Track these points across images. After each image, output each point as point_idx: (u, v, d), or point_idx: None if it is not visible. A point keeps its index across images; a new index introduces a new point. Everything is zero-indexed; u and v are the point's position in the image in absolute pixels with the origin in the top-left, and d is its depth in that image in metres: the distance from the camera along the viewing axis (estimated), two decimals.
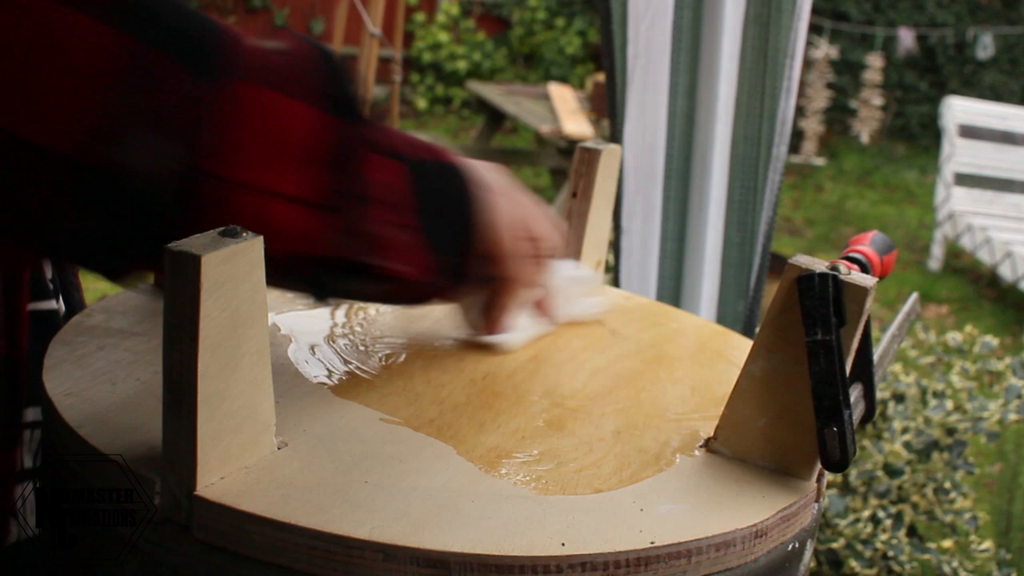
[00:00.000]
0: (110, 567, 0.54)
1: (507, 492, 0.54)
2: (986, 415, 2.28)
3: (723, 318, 1.86)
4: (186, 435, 0.49)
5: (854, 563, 2.08)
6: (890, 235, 0.88)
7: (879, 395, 2.41)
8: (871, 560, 2.10)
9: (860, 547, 2.10)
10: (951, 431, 2.28)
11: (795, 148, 7.16)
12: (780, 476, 0.59)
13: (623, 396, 0.67)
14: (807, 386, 0.57)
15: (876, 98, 7.73)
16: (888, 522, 2.14)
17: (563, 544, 0.49)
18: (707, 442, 0.62)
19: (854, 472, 2.23)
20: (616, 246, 1.79)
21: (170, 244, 0.48)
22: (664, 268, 1.86)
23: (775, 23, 1.74)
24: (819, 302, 0.56)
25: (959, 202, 5.50)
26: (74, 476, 0.55)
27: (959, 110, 5.65)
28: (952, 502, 2.21)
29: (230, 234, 0.49)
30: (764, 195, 1.81)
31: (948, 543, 2.22)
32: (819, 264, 0.57)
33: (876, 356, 0.65)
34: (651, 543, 0.50)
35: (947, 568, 2.12)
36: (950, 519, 2.22)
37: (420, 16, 8.19)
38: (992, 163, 5.61)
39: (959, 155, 5.55)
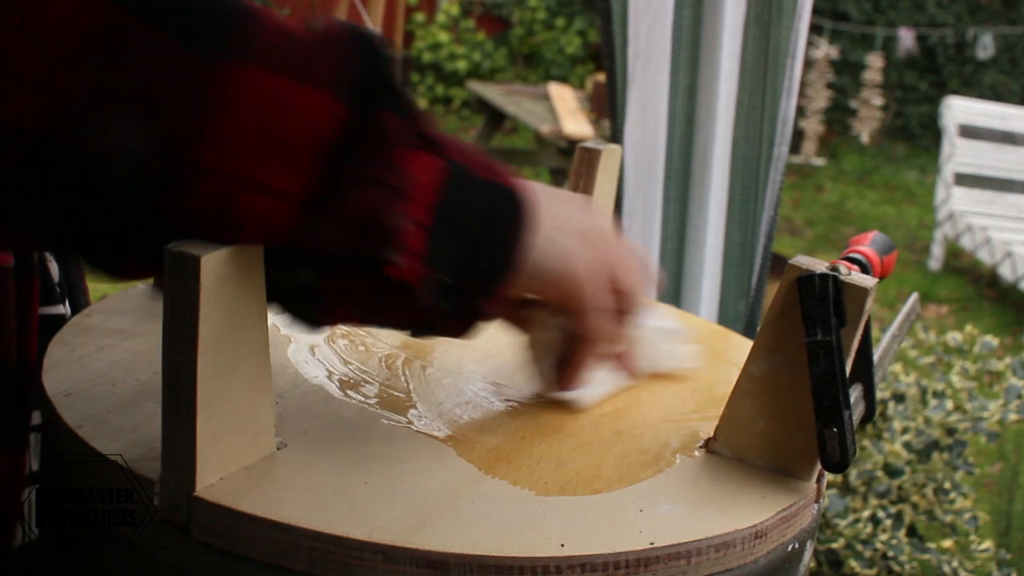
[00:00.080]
0: (109, 568, 0.54)
1: (506, 493, 0.54)
2: (986, 415, 2.28)
3: (724, 318, 1.86)
4: (185, 436, 0.49)
5: (854, 563, 2.09)
6: (890, 235, 0.88)
7: (879, 395, 2.41)
8: (871, 560, 2.10)
9: (860, 547, 2.10)
10: (951, 431, 2.28)
11: (795, 148, 7.16)
12: (780, 477, 0.59)
13: (622, 396, 0.67)
14: (807, 387, 0.57)
15: (876, 98, 7.72)
16: (888, 522, 2.14)
17: (563, 545, 0.49)
18: (707, 443, 0.62)
19: (854, 472, 2.23)
20: None
21: (170, 245, 0.48)
22: (664, 268, 1.86)
23: (776, 23, 1.74)
24: (819, 303, 0.56)
25: (959, 202, 5.50)
26: (73, 476, 0.55)
27: (959, 110, 5.65)
28: (952, 502, 2.21)
29: None
30: (765, 195, 1.81)
31: (948, 543, 2.22)
32: (819, 265, 0.57)
33: (876, 356, 0.65)
34: (651, 544, 0.50)
35: (947, 568, 2.12)
36: (950, 519, 2.22)
37: (420, 16, 8.19)
38: (992, 163, 5.61)
39: (959, 155, 5.55)
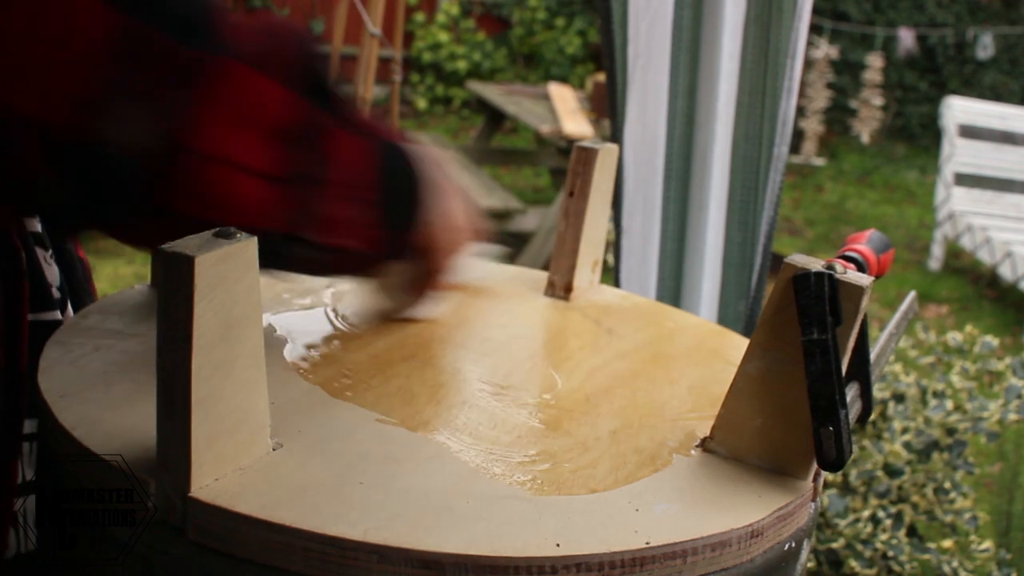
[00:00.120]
0: (105, 569, 0.54)
1: (502, 492, 0.54)
2: (986, 415, 2.27)
3: (724, 318, 1.86)
4: (180, 436, 0.49)
5: (854, 563, 2.08)
6: (890, 235, 0.88)
7: (879, 395, 2.41)
8: (871, 560, 2.10)
9: (860, 547, 2.10)
10: (951, 431, 2.27)
11: (795, 148, 7.16)
12: (776, 476, 0.59)
13: (619, 396, 0.67)
14: (803, 385, 0.56)
15: (876, 98, 7.72)
16: (888, 522, 2.14)
17: (558, 545, 0.49)
18: (703, 442, 0.62)
19: (854, 472, 2.23)
20: (616, 246, 1.79)
21: (163, 245, 0.48)
22: (664, 268, 1.86)
23: (776, 23, 1.73)
24: (815, 301, 0.56)
25: (959, 202, 5.50)
26: (69, 477, 0.55)
27: (959, 110, 5.65)
28: (952, 502, 2.21)
29: (224, 235, 0.49)
30: (765, 195, 1.81)
31: (948, 543, 2.22)
32: (815, 263, 0.57)
33: (873, 355, 0.65)
34: (647, 543, 0.50)
35: (947, 568, 2.12)
36: (950, 519, 2.22)
37: (420, 16, 8.18)
38: (992, 163, 5.60)
39: (959, 155, 5.55)
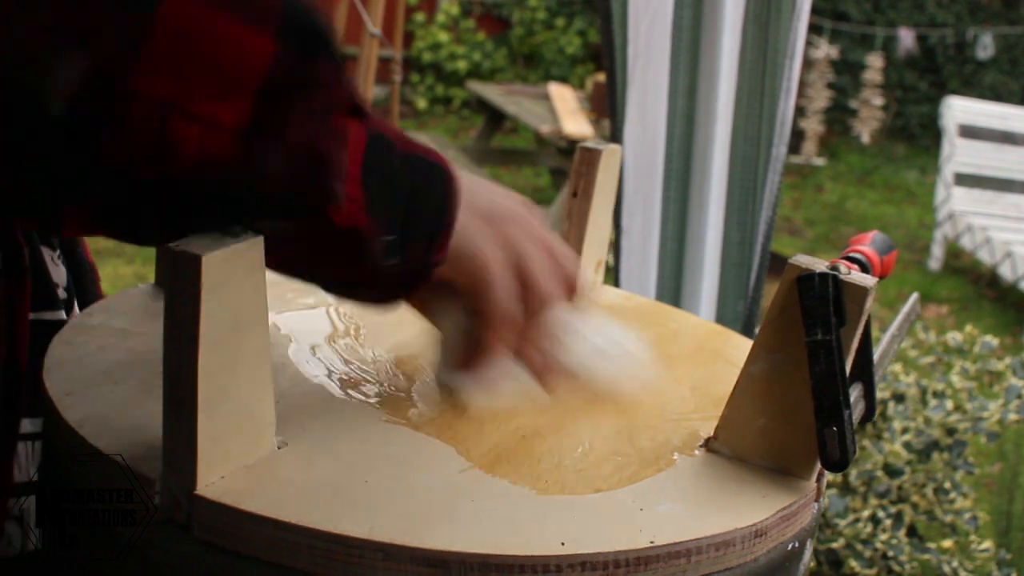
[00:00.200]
0: (110, 567, 0.54)
1: (507, 491, 0.54)
2: (986, 415, 2.28)
3: (723, 318, 1.86)
4: (186, 435, 0.49)
5: (854, 563, 2.09)
6: (890, 235, 0.88)
7: (879, 395, 2.41)
8: (871, 560, 2.10)
9: (860, 547, 2.10)
10: (951, 431, 2.28)
11: (795, 148, 7.16)
12: (780, 476, 0.59)
13: (623, 396, 0.67)
14: (807, 386, 0.57)
15: (876, 98, 7.72)
16: (888, 522, 2.14)
17: (563, 543, 0.49)
18: (707, 442, 0.62)
19: (854, 472, 2.23)
20: (616, 246, 1.79)
21: (170, 244, 0.48)
22: (664, 268, 1.86)
23: (775, 23, 1.74)
24: (819, 302, 0.56)
25: (959, 202, 5.50)
26: (74, 476, 0.55)
27: (959, 110, 5.65)
28: (952, 502, 2.21)
29: (231, 234, 0.49)
30: (764, 195, 1.81)
31: (948, 543, 2.22)
32: (819, 264, 0.57)
33: (876, 356, 0.65)
34: (651, 542, 0.50)
35: (947, 568, 2.12)
36: (950, 519, 2.22)
37: (420, 16, 8.18)
38: (992, 163, 5.61)
39: (959, 155, 5.55)
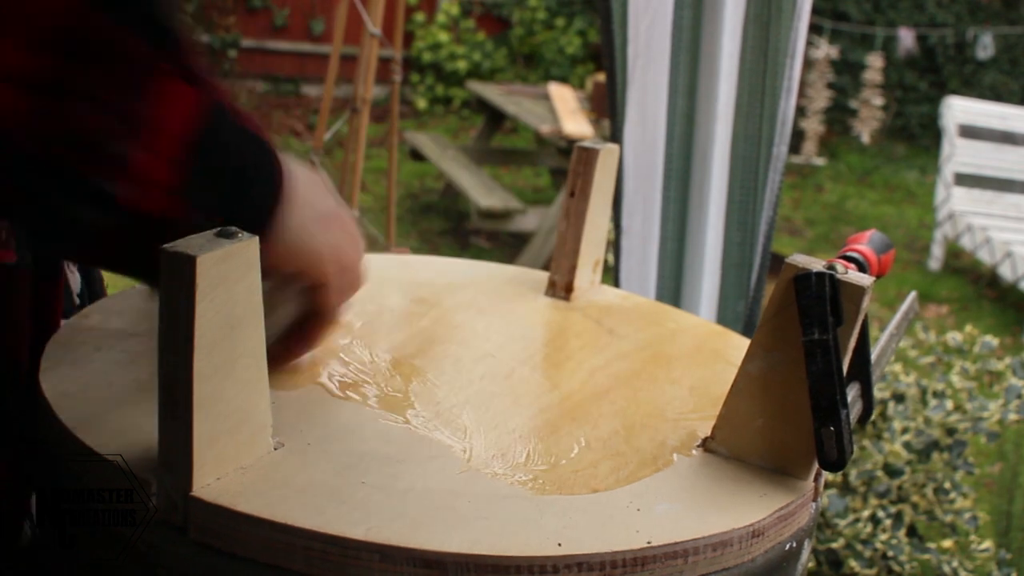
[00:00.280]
0: (107, 568, 0.54)
1: (504, 492, 0.54)
2: (986, 415, 2.27)
3: (723, 318, 1.86)
4: (182, 436, 0.49)
5: (854, 563, 2.08)
6: (890, 235, 0.88)
7: (879, 395, 2.41)
8: (871, 560, 2.09)
9: (860, 547, 2.10)
10: (951, 431, 2.27)
11: (795, 148, 7.15)
12: (777, 476, 0.59)
13: (621, 396, 0.67)
14: (804, 386, 0.57)
15: (876, 98, 7.72)
16: (888, 522, 2.14)
17: (559, 544, 0.49)
18: (704, 442, 0.62)
19: (854, 472, 2.23)
20: (616, 246, 1.79)
21: (165, 245, 0.48)
22: (664, 268, 1.86)
23: (775, 23, 1.73)
24: (816, 301, 0.56)
25: (959, 202, 5.50)
26: (71, 477, 0.55)
27: (959, 110, 5.65)
28: (952, 502, 2.21)
29: (225, 235, 0.49)
30: (764, 195, 1.81)
31: (948, 543, 2.22)
32: (816, 263, 0.57)
33: (874, 355, 0.65)
34: (648, 543, 0.50)
35: (947, 568, 2.12)
36: (950, 519, 2.22)
37: (420, 16, 8.18)
38: (992, 163, 5.60)
39: (959, 155, 5.55)
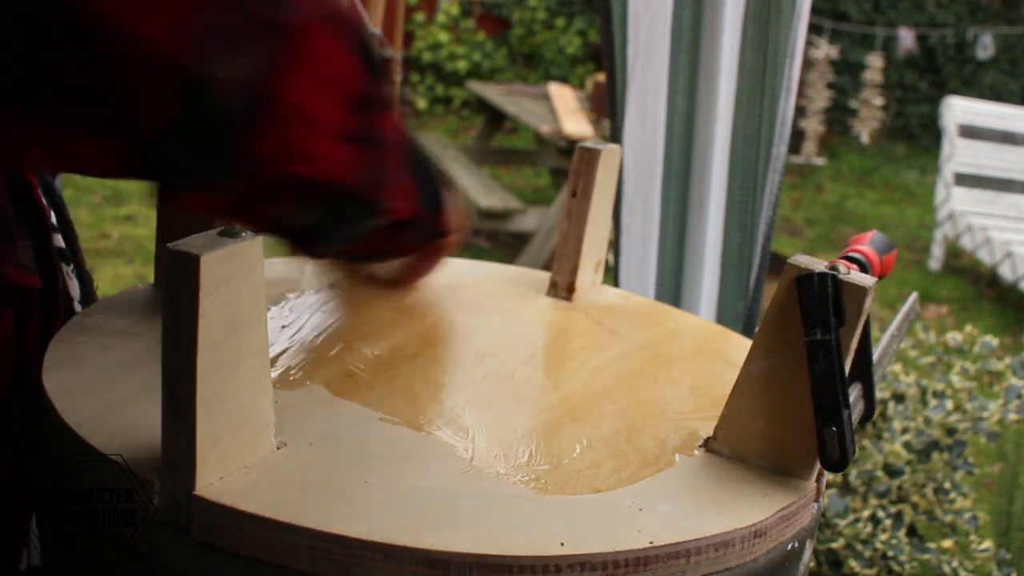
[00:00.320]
0: (109, 568, 0.54)
1: (506, 492, 0.54)
2: (986, 415, 2.27)
3: (723, 318, 1.86)
4: (185, 435, 0.49)
5: (854, 563, 2.08)
6: (890, 235, 0.88)
7: (879, 395, 2.41)
8: (871, 560, 2.10)
9: (860, 547, 2.10)
10: (951, 431, 2.27)
11: (795, 148, 7.15)
12: (779, 476, 0.59)
13: (622, 396, 0.67)
14: (806, 386, 0.57)
15: (876, 98, 7.72)
16: (888, 522, 2.14)
17: (562, 544, 0.49)
18: (706, 442, 0.62)
19: (854, 472, 2.23)
20: (616, 246, 1.79)
21: (169, 244, 0.48)
22: (664, 268, 1.86)
23: (775, 23, 1.73)
24: (818, 302, 0.56)
25: (959, 202, 5.50)
26: (73, 476, 0.55)
27: (959, 110, 5.65)
28: (952, 502, 2.21)
29: (229, 234, 0.49)
30: (764, 195, 1.81)
31: (948, 543, 2.22)
32: (818, 264, 0.57)
33: (875, 356, 0.65)
34: (650, 543, 0.50)
35: (947, 568, 2.12)
36: (950, 519, 2.22)
37: (420, 16, 8.18)
38: (992, 163, 5.60)
39: (959, 155, 5.55)
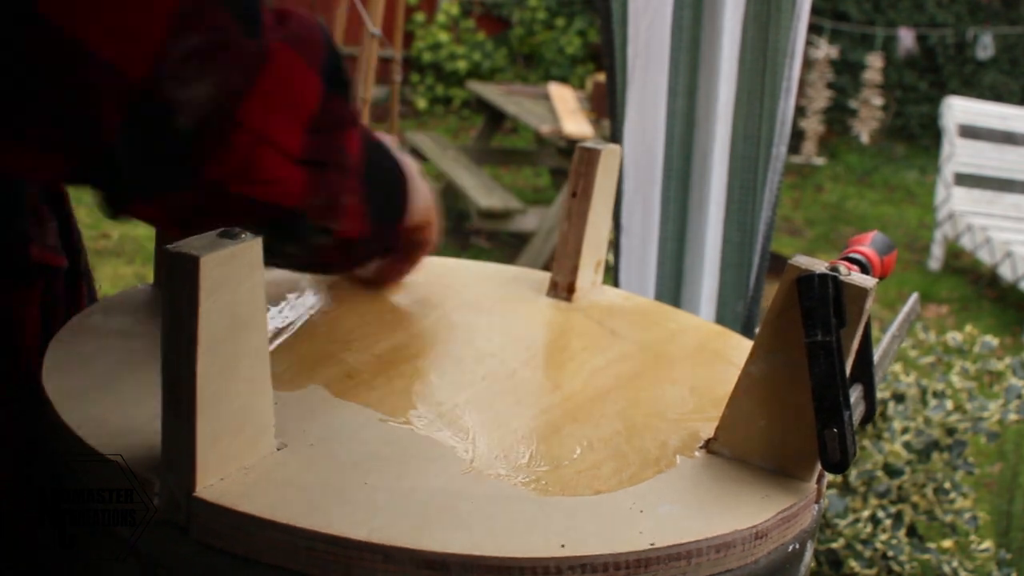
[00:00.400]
0: (109, 568, 0.54)
1: (507, 493, 0.54)
2: (986, 415, 2.27)
3: (722, 318, 1.86)
4: (185, 436, 0.49)
5: (854, 563, 2.08)
6: (890, 235, 0.88)
7: (879, 395, 2.40)
8: (871, 560, 2.10)
9: (860, 547, 2.10)
10: (951, 431, 2.27)
11: (795, 148, 7.15)
12: (780, 477, 0.59)
13: (623, 397, 0.67)
14: (807, 387, 0.57)
15: (876, 98, 7.72)
16: (888, 522, 2.14)
17: (563, 546, 0.49)
18: (707, 443, 0.62)
19: (854, 472, 2.23)
20: (616, 245, 1.79)
21: (169, 245, 0.48)
22: (664, 268, 1.86)
23: (775, 23, 1.73)
24: (819, 303, 0.56)
25: (959, 202, 5.50)
26: (73, 477, 0.55)
27: (959, 110, 5.65)
28: (952, 502, 2.21)
29: (229, 235, 0.49)
30: (763, 195, 1.81)
31: (948, 543, 2.22)
32: (819, 265, 0.57)
33: (876, 357, 0.65)
34: (651, 544, 0.50)
35: (947, 568, 2.12)
36: (950, 519, 2.22)
37: (420, 16, 8.18)
38: (992, 163, 5.60)
39: (959, 155, 5.55)
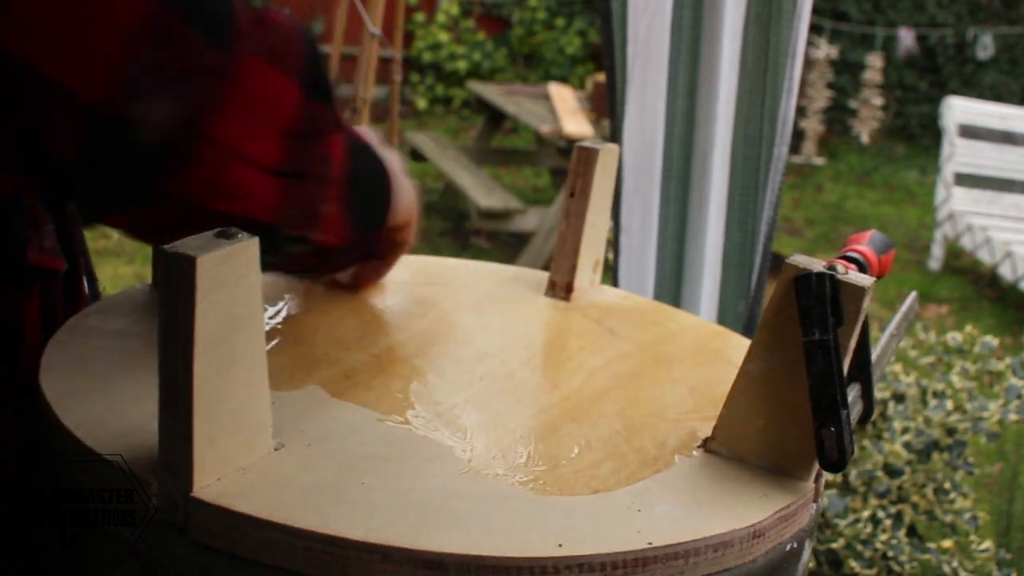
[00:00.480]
0: (107, 569, 0.54)
1: (504, 493, 0.54)
2: (986, 415, 2.27)
3: (723, 318, 1.86)
4: (182, 436, 0.49)
5: (854, 563, 2.08)
6: (890, 235, 0.88)
7: (879, 395, 2.41)
8: (871, 560, 2.10)
9: (860, 547, 2.10)
10: (951, 431, 2.27)
11: (795, 148, 7.15)
12: (778, 476, 0.59)
13: (621, 396, 0.67)
14: (805, 386, 0.56)
15: (876, 98, 7.72)
16: (888, 522, 2.14)
17: (560, 545, 0.49)
18: (705, 442, 0.62)
19: (854, 472, 2.23)
20: (615, 245, 1.79)
21: (165, 246, 0.48)
22: (664, 268, 1.86)
23: (776, 23, 1.73)
24: (816, 302, 0.56)
25: (959, 202, 5.50)
26: (72, 477, 0.55)
27: (959, 110, 5.65)
28: (952, 502, 2.21)
29: (225, 235, 0.49)
30: (765, 195, 1.81)
31: (948, 543, 2.22)
32: (816, 264, 0.57)
33: (874, 356, 0.65)
34: (648, 544, 0.50)
35: (947, 568, 2.12)
36: (950, 519, 2.22)
37: (420, 16, 8.18)
38: (992, 163, 5.61)
39: (959, 155, 5.55)
